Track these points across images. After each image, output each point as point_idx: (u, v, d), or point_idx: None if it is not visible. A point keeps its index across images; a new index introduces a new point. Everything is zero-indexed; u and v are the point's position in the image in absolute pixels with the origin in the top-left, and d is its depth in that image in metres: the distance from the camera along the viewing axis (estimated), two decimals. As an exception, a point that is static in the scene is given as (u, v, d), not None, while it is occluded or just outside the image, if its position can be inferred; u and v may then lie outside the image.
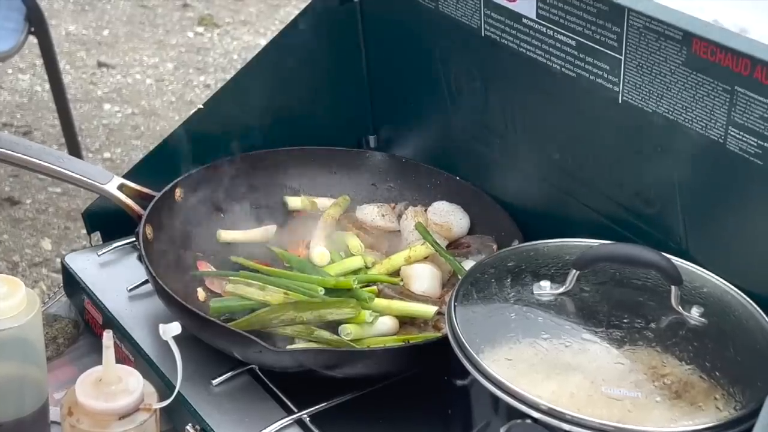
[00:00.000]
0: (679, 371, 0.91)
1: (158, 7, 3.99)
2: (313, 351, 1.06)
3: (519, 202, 1.26)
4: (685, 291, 0.98)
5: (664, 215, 1.08)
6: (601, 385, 0.89)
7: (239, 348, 1.05)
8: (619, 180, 1.12)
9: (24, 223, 2.80)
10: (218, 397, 1.06)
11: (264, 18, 4.00)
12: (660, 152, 1.06)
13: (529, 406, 0.87)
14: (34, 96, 3.42)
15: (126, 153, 3.12)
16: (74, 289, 1.24)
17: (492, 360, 0.91)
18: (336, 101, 1.39)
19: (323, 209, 1.31)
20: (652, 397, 0.88)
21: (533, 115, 1.20)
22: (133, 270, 1.23)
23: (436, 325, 1.15)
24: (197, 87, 3.51)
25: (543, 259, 1.04)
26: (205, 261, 1.23)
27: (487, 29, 1.18)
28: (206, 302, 1.16)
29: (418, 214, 1.29)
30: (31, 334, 0.98)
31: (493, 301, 0.98)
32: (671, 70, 0.99)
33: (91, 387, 0.90)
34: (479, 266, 1.04)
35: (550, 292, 0.98)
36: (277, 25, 3.86)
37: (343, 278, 1.17)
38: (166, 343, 0.98)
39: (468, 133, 1.31)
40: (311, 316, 1.10)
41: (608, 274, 1.01)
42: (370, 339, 1.12)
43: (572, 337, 0.94)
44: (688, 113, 1.00)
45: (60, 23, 3.79)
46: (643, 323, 0.95)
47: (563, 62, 1.10)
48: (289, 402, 1.06)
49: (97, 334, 1.20)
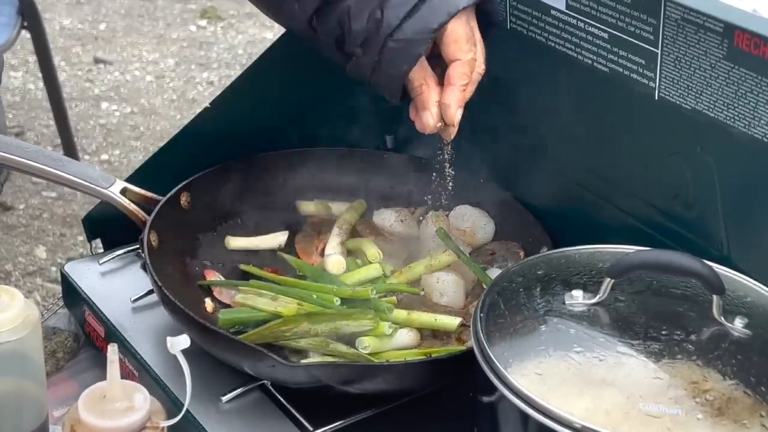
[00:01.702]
0: (721, 386, 0.91)
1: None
2: (329, 365, 1.06)
3: (547, 206, 1.26)
4: (727, 301, 0.98)
5: (704, 219, 1.08)
6: (639, 402, 0.89)
7: (250, 362, 1.06)
8: (656, 182, 1.13)
9: (17, 229, 2.81)
10: (228, 415, 1.07)
11: (270, 10, 4.00)
12: (700, 152, 1.06)
13: (562, 424, 0.87)
14: (27, 94, 3.44)
15: (125, 155, 3.14)
16: (74, 300, 1.25)
17: (521, 375, 0.91)
18: (350, 99, 1.39)
19: (338, 214, 1.32)
20: (693, 414, 0.88)
21: (563, 113, 1.20)
22: (137, 279, 1.24)
23: (460, 337, 1.16)
24: (200, 84, 3.53)
25: (574, 267, 1.04)
26: (213, 270, 1.24)
27: (514, 22, 1.19)
28: (215, 314, 1.17)
29: (440, 218, 1.29)
30: (30, 348, 0.99)
31: (521, 312, 0.99)
32: (711, 64, 0.99)
33: (95, 404, 0.90)
34: (506, 275, 1.05)
35: (583, 302, 0.98)
36: (285, 17, 3.86)
37: (361, 288, 1.17)
38: (173, 357, 0.99)
39: (492, 132, 1.31)
40: (326, 329, 1.11)
41: (645, 282, 1.01)
42: (390, 353, 1.13)
43: (607, 350, 0.94)
44: (730, 110, 1.00)
45: (54, 17, 3.81)
46: (682, 335, 0.95)
47: (595, 56, 1.10)
48: (304, 420, 1.06)
49: (99, 347, 1.21)
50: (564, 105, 1.20)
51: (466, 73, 1.08)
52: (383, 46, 1.06)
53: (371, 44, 1.06)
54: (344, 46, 1.10)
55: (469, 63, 1.09)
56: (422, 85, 1.09)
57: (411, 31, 1.05)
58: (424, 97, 1.09)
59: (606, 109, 1.14)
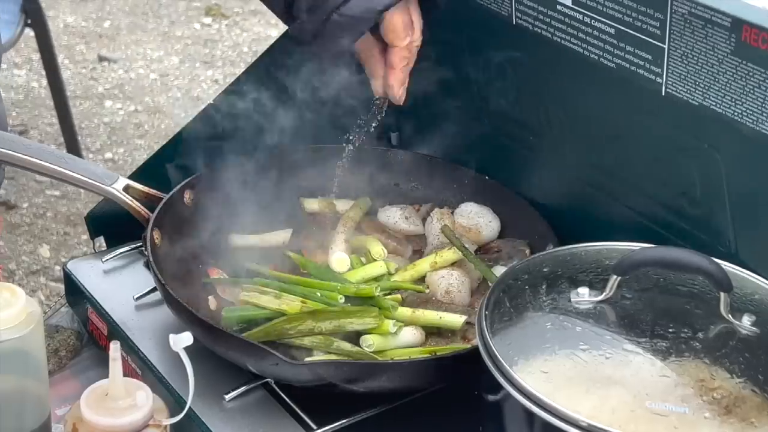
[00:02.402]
0: (729, 385, 0.91)
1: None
2: (333, 363, 1.07)
3: (553, 203, 1.26)
4: (735, 298, 0.98)
5: (711, 216, 1.08)
6: (645, 400, 0.89)
7: (254, 360, 1.06)
8: (663, 179, 1.13)
9: (20, 228, 2.82)
10: (231, 413, 1.07)
11: (275, 7, 4.01)
12: (707, 148, 1.06)
13: (568, 422, 0.87)
14: (31, 93, 3.45)
15: (129, 153, 3.15)
16: (77, 297, 1.25)
17: (527, 373, 0.91)
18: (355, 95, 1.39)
19: (342, 212, 1.32)
20: (701, 412, 0.88)
21: (568, 110, 1.20)
22: (140, 277, 1.25)
23: (465, 335, 1.16)
24: (204, 82, 3.54)
25: (581, 264, 1.04)
26: (216, 267, 1.24)
27: (519, 17, 1.19)
28: (218, 311, 1.17)
29: (445, 216, 1.30)
30: (32, 346, 0.99)
31: (527, 310, 0.99)
32: (719, 59, 0.99)
33: (97, 402, 0.90)
34: (511, 272, 1.05)
35: (589, 300, 0.98)
36: (290, 15, 3.86)
37: (365, 285, 1.18)
38: (176, 355, 0.99)
39: (498, 129, 1.32)
40: (330, 326, 1.11)
41: (652, 280, 1.01)
42: (394, 351, 1.13)
43: (613, 348, 0.94)
44: (737, 106, 1.00)
45: (58, 14, 3.82)
46: (689, 333, 0.95)
47: (601, 52, 1.10)
48: (307, 418, 1.06)
49: (102, 345, 1.21)
50: (570, 101, 1.20)
51: (405, 56, 1.19)
52: (328, 17, 1.14)
53: (317, 13, 1.14)
54: (292, 9, 1.17)
55: (408, 47, 1.19)
56: (369, 56, 1.20)
57: (358, 9, 1.13)
58: (370, 67, 1.21)
59: (612, 105, 1.14)
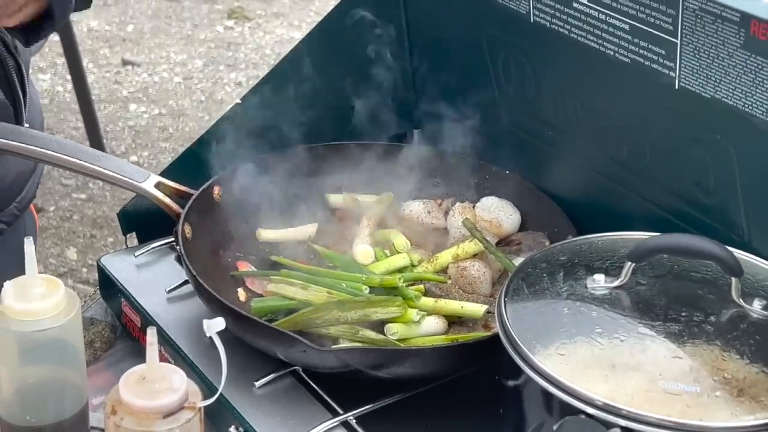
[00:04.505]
0: (740, 366, 0.95)
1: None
2: (359, 350, 1.11)
3: (572, 196, 1.31)
4: (746, 284, 1.02)
5: (724, 206, 1.12)
6: (659, 381, 0.93)
7: (283, 348, 1.11)
8: (677, 170, 1.17)
9: (47, 231, 2.86)
10: (261, 399, 1.12)
11: (298, 10, 4.04)
12: (719, 140, 1.10)
13: (584, 402, 0.91)
14: (56, 97, 3.49)
15: (153, 156, 3.18)
16: (111, 291, 1.31)
17: (545, 357, 0.96)
18: (378, 94, 1.44)
19: (366, 206, 1.37)
20: (712, 392, 0.92)
21: (585, 104, 1.25)
22: (171, 271, 1.30)
23: (487, 324, 1.20)
24: (228, 85, 3.57)
25: (597, 253, 1.08)
26: (245, 261, 1.29)
27: (537, 15, 1.23)
28: (247, 303, 1.23)
29: (466, 210, 1.34)
30: (71, 335, 1.04)
31: (545, 297, 1.03)
32: (729, 53, 1.03)
33: (135, 385, 0.95)
34: (530, 261, 1.09)
35: (605, 286, 1.03)
36: (312, 16, 3.91)
37: (389, 277, 1.23)
38: (207, 344, 1.04)
39: (517, 124, 1.36)
40: (356, 316, 1.16)
41: (665, 266, 1.05)
42: (417, 339, 1.18)
43: (628, 331, 0.98)
44: (748, 98, 1.04)
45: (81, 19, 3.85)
46: (702, 317, 1.00)
47: (616, 47, 1.15)
48: (334, 403, 1.11)
49: (135, 337, 1.27)
50: (587, 96, 1.24)
51: None
52: None
53: None
54: None
55: None
56: None
57: None
58: None
59: (628, 98, 1.18)
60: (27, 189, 1.44)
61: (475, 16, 1.33)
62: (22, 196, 1.42)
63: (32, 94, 1.42)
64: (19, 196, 1.42)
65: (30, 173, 1.44)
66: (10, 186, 1.40)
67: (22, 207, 1.43)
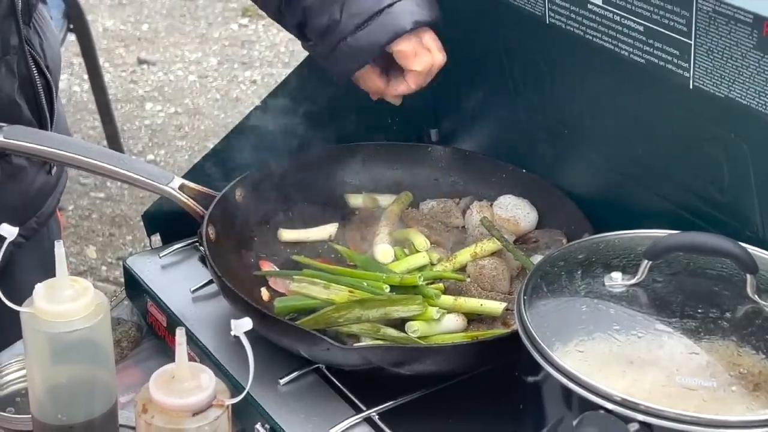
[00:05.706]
0: (756, 361, 0.97)
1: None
2: (382, 348, 1.14)
3: (588, 195, 1.33)
4: (761, 280, 1.04)
5: (739, 203, 1.14)
6: (676, 376, 0.95)
7: (306, 346, 1.14)
8: (692, 168, 1.19)
9: (67, 230, 2.89)
10: (286, 397, 1.15)
11: (312, 7, 4.04)
12: (734, 138, 1.12)
13: (603, 397, 0.94)
14: (73, 97, 3.52)
15: (170, 154, 3.20)
16: (137, 291, 1.34)
17: (564, 353, 0.98)
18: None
19: (385, 206, 1.39)
20: (729, 387, 0.95)
21: (601, 104, 1.27)
22: (195, 271, 1.33)
23: (506, 322, 1.23)
24: (243, 83, 3.59)
25: (614, 251, 1.11)
26: (267, 261, 1.32)
27: (552, 16, 1.25)
28: (271, 302, 1.25)
29: (484, 208, 1.36)
30: (100, 336, 1.06)
31: (563, 294, 1.06)
32: (743, 54, 1.06)
33: (165, 384, 0.97)
34: (548, 259, 1.12)
35: (622, 284, 1.05)
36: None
37: (409, 275, 1.25)
38: (233, 343, 1.06)
39: (534, 123, 1.38)
40: (377, 314, 1.18)
41: (681, 264, 1.07)
42: (438, 336, 1.21)
43: (645, 328, 1.01)
44: (761, 98, 1.06)
45: (96, 18, 3.88)
46: (718, 313, 1.02)
47: (631, 48, 1.17)
48: (357, 400, 1.14)
49: (161, 336, 1.30)
50: (603, 96, 1.26)
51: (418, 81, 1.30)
52: (336, 45, 1.25)
53: (326, 39, 1.27)
54: (305, 29, 1.28)
55: (422, 72, 1.28)
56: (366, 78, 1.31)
57: (363, 42, 1.24)
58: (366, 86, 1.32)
59: (643, 98, 1.20)
60: (48, 204, 1.45)
61: (491, 18, 1.35)
62: (42, 211, 1.44)
63: (59, 109, 1.44)
64: (39, 211, 1.44)
65: (52, 189, 1.46)
66: (32, 201, 1.42)
67: (42, 221, 1.45)
